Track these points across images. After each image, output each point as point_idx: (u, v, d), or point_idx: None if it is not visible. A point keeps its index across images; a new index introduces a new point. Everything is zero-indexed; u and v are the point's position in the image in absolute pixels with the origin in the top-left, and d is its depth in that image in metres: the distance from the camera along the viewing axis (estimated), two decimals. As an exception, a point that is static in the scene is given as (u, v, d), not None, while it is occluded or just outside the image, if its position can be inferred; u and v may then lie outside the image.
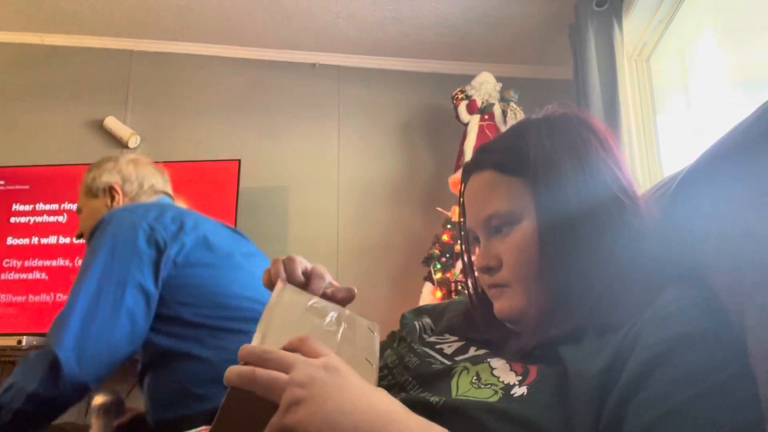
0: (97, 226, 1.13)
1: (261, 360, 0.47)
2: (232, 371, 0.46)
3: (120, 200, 1.33)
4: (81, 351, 0.98)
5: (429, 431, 0.47)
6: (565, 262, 0.60)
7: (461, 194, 0.72)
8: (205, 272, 1.12)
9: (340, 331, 0.61)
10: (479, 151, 0.70)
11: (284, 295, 0.63)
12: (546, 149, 0.63)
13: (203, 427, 0.86)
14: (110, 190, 1.34)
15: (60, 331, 0.99)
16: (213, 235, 1.19)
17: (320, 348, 0.49)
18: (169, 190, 1.42)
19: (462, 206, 0.72)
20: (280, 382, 0.45)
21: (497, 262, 0.65)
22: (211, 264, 1.14)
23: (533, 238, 0.62)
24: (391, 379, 0.65)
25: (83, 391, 0.99)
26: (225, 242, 1.22)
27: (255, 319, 1.06)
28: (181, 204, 1.39)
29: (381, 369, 0.66)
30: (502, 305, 0.65)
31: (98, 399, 1.25)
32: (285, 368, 0.46)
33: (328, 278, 0.71)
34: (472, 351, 0.64)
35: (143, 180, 1.36)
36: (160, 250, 1.09)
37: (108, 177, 1.34)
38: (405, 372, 0.63)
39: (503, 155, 0.66)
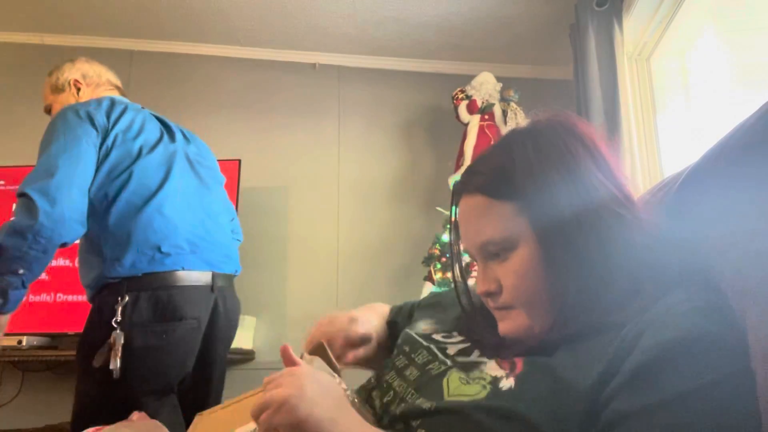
0: (55, 117, 1.37)
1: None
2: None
3: (84, 90, 1.56)
4: (47, 189, 1.20)
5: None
6: (572, 281, 0.59)
7: (453, 214, 0.71)
8: (125, 172, 1.35)
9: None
10: (468, 172, 0.68)
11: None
12: (532, 168, 0.62)
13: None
14: (75, 83, 1.56)
15: (28, 181, 1.22)
16: (130, 130, 1.40)
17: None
18: (119, 83, 1.67)
19: (455, 226, 0.71)
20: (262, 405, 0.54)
21: (497, 287, 0.64)
22: (127, 156, 1.36)
23: (532, 262, 0.61)
24: (392, 394, 0.65)
25: (56, 221, 1.20)
26: (145, 134, 1.42)
27: (142, 197, 1.35)
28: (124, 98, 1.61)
29: (386, 389, 0.67)
30: (506, 326, 0.64)
31: None
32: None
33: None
34: (475, 355, 0.64)
35: (100, 74, 1.61)
36: (97, 131, 1.34)
37: (69, 74, 1.58)
38: (405, 384, 0.64)
39: (491, 178, 0.64)
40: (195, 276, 1.32)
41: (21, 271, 1.18)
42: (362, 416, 0.57)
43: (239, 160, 2.64)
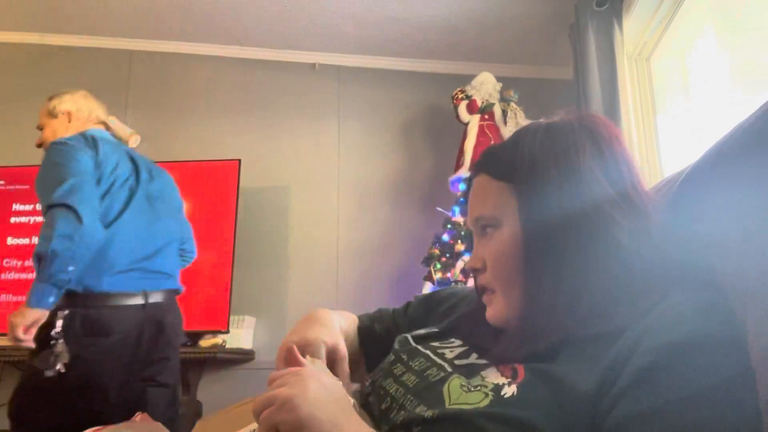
0: (55, 143, 1.59)
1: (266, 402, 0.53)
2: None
3: (74, 122, 1.77)
4: (82, 200, 1.45)
5: None
6: (547, 271, 0.59)
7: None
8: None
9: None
10: (483, 153, 0.71)
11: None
12: (534, 155, 0.63)
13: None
14: (68, 114, 1.78)
15: (63, 195, 1.43)
16: (108, 165, 1.62)
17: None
18: (107, 120, 1.88)
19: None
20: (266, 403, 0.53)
21: (482, 265, 0.66)
22: (99, 188, 1.58)
23: (512, 245, 0.62)
24: (389, 400, 0.64)
25: (93, 224, 1.46)
26: (119, 171, 1.65)
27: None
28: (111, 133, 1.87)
29: (383, 395, 0.66)
30: (488, 313, 0.66)
31: None
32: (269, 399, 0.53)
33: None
34: (473, 357, 0.64)
35: (91, 111, 1.82)
36: (93, 161, 1.59)
37: (66, 105, 1.79)
38: (403, 389, 0.63)
39: (496, 159, 0.67)
40: (126, 297, 1.56)
41: (71, 268, 1.41)
42: (363, 420, 0.57)
43: (239, 160, 2.64)
